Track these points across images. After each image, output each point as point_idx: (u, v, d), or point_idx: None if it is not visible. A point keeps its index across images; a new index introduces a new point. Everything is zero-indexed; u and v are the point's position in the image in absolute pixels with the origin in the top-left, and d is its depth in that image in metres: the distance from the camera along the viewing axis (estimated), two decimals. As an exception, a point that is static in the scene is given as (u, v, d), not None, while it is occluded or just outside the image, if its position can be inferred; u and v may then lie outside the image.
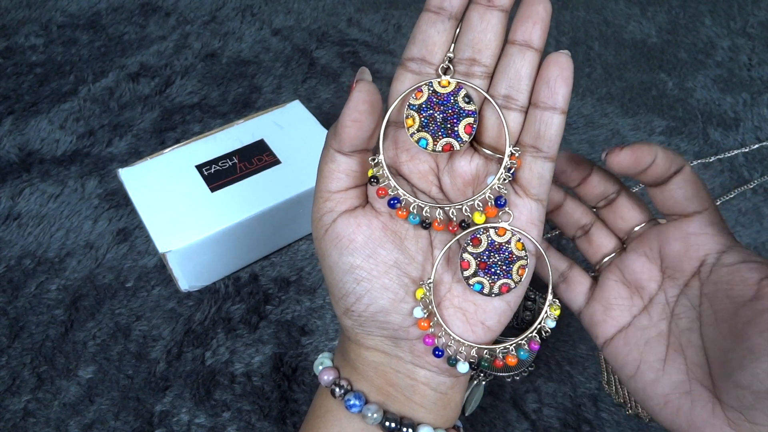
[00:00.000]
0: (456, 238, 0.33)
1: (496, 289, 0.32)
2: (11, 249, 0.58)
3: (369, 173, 0.32)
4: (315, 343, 0.51)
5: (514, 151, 0.32)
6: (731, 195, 0.62)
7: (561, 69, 0.31)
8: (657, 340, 0.34)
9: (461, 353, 0.33)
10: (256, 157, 0.57)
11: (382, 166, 0.32)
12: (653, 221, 0.36)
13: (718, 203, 0.62)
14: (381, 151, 0.32)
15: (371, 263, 0.32)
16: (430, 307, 0.32)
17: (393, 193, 0.32)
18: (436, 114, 0.32)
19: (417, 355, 0.34)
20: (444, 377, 0.34)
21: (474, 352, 0.33)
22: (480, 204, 0.32)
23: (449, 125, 0.32)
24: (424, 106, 0.32)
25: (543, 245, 0.36)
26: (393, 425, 0.33)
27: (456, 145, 0.32)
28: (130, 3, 0.90)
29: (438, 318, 0.33)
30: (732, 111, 0.72)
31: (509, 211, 0.33)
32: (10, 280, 0.56)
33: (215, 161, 0.57)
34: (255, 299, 0.54)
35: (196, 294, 0.55)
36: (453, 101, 0.32)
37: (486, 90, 0.32)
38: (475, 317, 0.33)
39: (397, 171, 0.34)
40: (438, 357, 0.33)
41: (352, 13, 0.88)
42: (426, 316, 0.32)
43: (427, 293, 0.32)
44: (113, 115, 0.72)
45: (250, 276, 0.56)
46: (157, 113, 0.72)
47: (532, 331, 0.34)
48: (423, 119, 0.32)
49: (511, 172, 0.32)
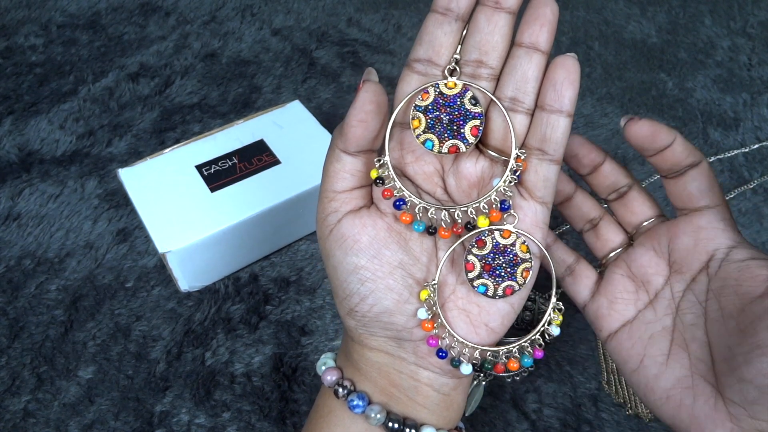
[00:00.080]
0: (461, 240, 0.33)
1: (500, 291, 0.32)
2: (11, 249, 0.58)
3: (374, 174, 0.32)
4: (315, 344, 0.51)
5: (519, 154, 0.32)
6: (731, 195, 0.63)
7: (568, 72, 0.31)
8: (661, 334, 0.34)
9: (464, 355, 0.33)
10: (256, 157, 0.57)
11: (387, 167, 0.32)
12: (662, 217, 0.36)
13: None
14: (387, 152, 0.32)
15: (376, 264, 0.32)
16: (434, 309, 0.32)
17: (398, 194, 0.32)
18: (442, 115, 0.32)
19: (420, 356, 0.34)
20: (447, 378, 0.34)
21: (477, 353, 0.33)
22: (485, 206, 0.32)
23: (455, 127, 0.32)
24: (430, 107, 0.32)
25: (550, 238, 0.36)
26: (396, 426, 0.33)
27: (462, 147, 0.32)
28: (130, 3, 0.89)
29: (442, 319, 0.33)
30: (732, 111, 0.72)
31: (514, 214, 0.33)
32: (9, 280, 0.55)
33: (215, 161, 0.57)
34: (255, 299, 0.54)
35: (196, 294, 0.55)
36: (459, 103, 0.32)
37: (492, 92, 0.32)
38: (479, 319, 0.33)
39: (402, 172, 0.34)
40: (442, 358, 0.33)
41: (352, 13, 0.88)
42: (430, 317, 0.32)
43: (432, 294, 0.32)
44: (113, 115, 0.71)
45: (250, 276, 0.56)
46: (157, 113, 0.72)
47: (535, 334, 0.34)
48: (429, 121, 0.32)
49: (517, 174, 0.32)
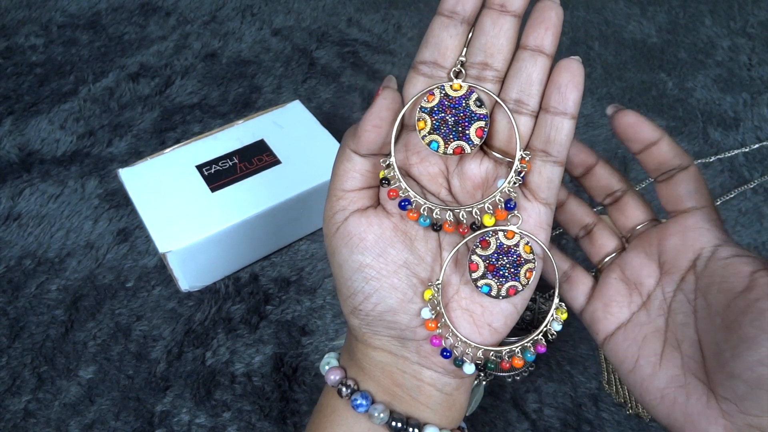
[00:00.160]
0: (465, 240, 0.33)
1: (503, 292, 0.33)
2: (11, 249, 0.58)
3: (380, 175, 0.32)
4: (315, 343, 0.51)
5: (524, 155, 0.32)
6: (731, 195, 0.63)
7: (572, 75, 0.31)
8: (654, 335, 0.34)
9: (467, 354, 0.33)
10: (256, 157, 0.57)
11: (393, 167, 0.32)
12: (655, 221, 0.37)
13: (718, 203, 0.62)
14: (392, 153, 0.32)
15: (381, 262, 0.32)
16: (437, 308, 0.33)
17: (404, 195, 0.32)
18: (447, 117, 0.32)
19: (423, 356, 0.34)
20: (449, 378, 0.35)
21: (480, 353, 0.33)
22: (490, 207, 0.32)
23: (460, 128, 0.32)
24: (435, 109, 0.32)
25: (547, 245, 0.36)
26: (399, 425, 0.33)
27: (467, 149, 0.32)
28: (130, 3, 0.89)
29: (445, 319, 0.33)
30: (732, 111, 0.72)
31: (518, 215, 0.33)
32: (10, 280, 0.55)
33: (215, 161, 0.57)
34: (255, 299, 0.54)
35: (196, 294, 0.55)
36: (464, 105, 0.32)
37: (497, 94, 0.33)
38: (482, 319, 0.34)
39: (408, 173, 0.34)
40: (447, 358, 0.33)
41: (352, 13, 0.88)
42: (434, 316, 0.32)
43: (436, 294, 0.32)
44: (113, 115, 0.71)
45: (250, 276, 0.56)
46: (157, 113, 0.72)
47: (538, 334, 0.34)
48: (434, 122, 0.32)
49: (521, 175, 0.32)
